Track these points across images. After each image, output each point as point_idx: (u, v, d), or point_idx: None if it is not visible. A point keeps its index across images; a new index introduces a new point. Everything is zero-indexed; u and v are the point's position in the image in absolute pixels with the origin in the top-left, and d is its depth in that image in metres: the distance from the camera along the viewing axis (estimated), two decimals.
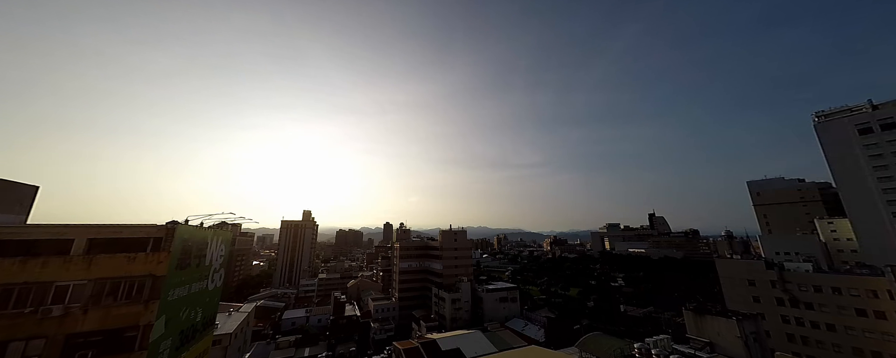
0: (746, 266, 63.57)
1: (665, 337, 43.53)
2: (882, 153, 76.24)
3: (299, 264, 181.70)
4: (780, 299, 57.35)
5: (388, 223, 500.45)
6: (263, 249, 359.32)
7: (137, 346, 21.47)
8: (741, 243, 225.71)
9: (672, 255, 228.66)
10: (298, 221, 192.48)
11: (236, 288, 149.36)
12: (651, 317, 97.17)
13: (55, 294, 20.47)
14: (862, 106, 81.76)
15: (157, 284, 22.87)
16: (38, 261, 20.42)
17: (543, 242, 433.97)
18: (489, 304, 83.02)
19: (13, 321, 19.15)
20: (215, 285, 32.89)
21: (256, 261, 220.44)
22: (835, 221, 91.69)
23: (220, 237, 33.26)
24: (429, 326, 79.08)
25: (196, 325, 28.80)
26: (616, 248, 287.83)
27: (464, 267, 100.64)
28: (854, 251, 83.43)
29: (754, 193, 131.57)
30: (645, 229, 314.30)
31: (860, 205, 78.65)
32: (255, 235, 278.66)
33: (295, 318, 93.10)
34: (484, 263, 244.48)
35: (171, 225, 24.59)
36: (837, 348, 51.04)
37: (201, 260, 29.06)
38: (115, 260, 22.18)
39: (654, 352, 39.19)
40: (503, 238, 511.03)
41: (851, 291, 51.53)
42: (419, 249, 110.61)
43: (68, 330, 20.13)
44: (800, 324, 54.98)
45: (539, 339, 65.26)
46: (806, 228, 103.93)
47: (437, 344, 55.93)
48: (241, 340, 55.65)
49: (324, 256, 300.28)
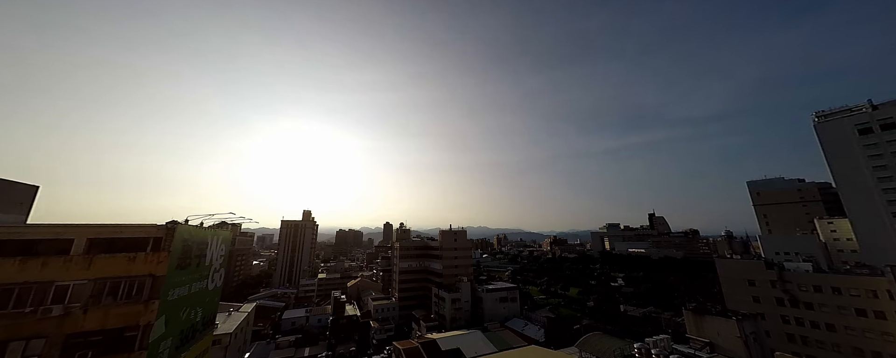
0: (746, 266, 63.52)
1: (665, 337, 43.51)
2: (882, 153, 76.26)
3: (299, 264, 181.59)
4: (779, 299, 57.32)
5: (388, 223, 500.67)
6: (263, 249, 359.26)
7: (137, 346, 21.44)
8: (741, 243, 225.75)
9: (672, 255, 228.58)
10: (298, 221, 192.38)
11: (236, 288, 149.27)
12: (651, 317, 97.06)
13: (55, 294, 20.44)
14: (862, 106, 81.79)
15: (157, 284, 22.84)
16: (38, 261, 20.40)
17: (543, 242, 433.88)
18: (489, 304, 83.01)
19: (13, 321, 19.13)
20: (215, 285, 32.87)
21: (256, 261, 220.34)
22: (835, 221, 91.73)
23: (220, 237, 33.24)
24: (429, 326, 79.06)
25: (196, 325, 28.79)
26: (616, 248, 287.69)
27: (464, 267, 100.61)
28: (854, 251, 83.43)
29: (754, 193, 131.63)
30: (645, 229, 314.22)
31: (860, 205, 78.68)
32: (255, 234, 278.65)
33: (295, 318, 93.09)
34: (484, 263, 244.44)
35: (171, 225, 24.55)
36: (837, 348, 50.99)
37: (201, 260, 29.04)
38: (115, 260, 22.17)
39: (654, 352, 39.17)
40: (503, 238, 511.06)
41: (851, 291, 51.50)
42: (419, 249, 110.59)
43: (68, 330, 20.11)
44: (800, 324, 54.94)
45: (539, 339, 65.24)
46: (806, 228, 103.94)
47: (437, 344, 55.97)
48: (241, 340, 55.63)
49: (324, 256, 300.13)
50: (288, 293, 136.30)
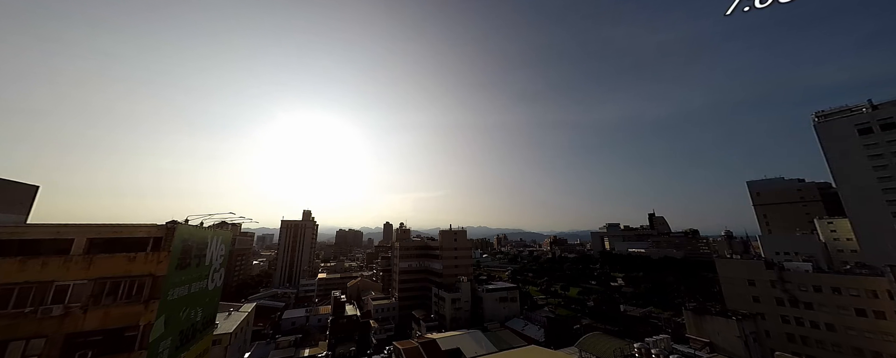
0: (746, 266, 63.52)
1: (665, 337, 43.57)
2: (882, 153, 76.21)
3: (299, 264, 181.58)
4: (779, 299, 57.28)
5: (388, 223, 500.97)
6: (263, 248, 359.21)
7: (137, 345, 21.44)
8: (741, 243, 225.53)
9: (672, 255, 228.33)
10: (298, 221, 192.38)
11: (236, 288, 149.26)
12: (651, 317, 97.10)
13: (55, 294, 20.44)
14: (861, 106, 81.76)
15: (157, 284, 22.84)
16: (38, 260, 20.40)
17: (543, 242, 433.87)
18: (489, 304, 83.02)
19: (13, 321, 19.14)
20: (215, 285, 32.87)
21: (256, 261, 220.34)
22: (835, 221, 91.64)
23: (220, 237, 33.25)
24: (429, 326, 79.08)
25: (196, 324, 28.79)
26: (616, 248, 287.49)
27: (464, 267, 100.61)
28: (854, 251, 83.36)
29: (754, 192, 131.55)
30: (645, 229, 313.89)
31: (860, 205, 78.65)
32: (255, 234, 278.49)
33: (295, 318, 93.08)
34: (484, 263, 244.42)
35: (171, 225, 24.55)
36: (837, 348, 50.96)
37: (201, 260, 29.04)
38: (115, 260, 22.17)
39: (653, 352, 39.19)
40: (503, 238, 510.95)
41: (851, 291, 51.48)
42: (419, 248, 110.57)
43: (68, 330, 20.11)
44: (800, 324, 54.92)
45: (539, 338, 65.24)
46: (806, 228, 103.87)
47: (437, 344, 55.99)
48: (241, 340, 55.66)
49: (324, 255, 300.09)
50: (288, 293, 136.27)
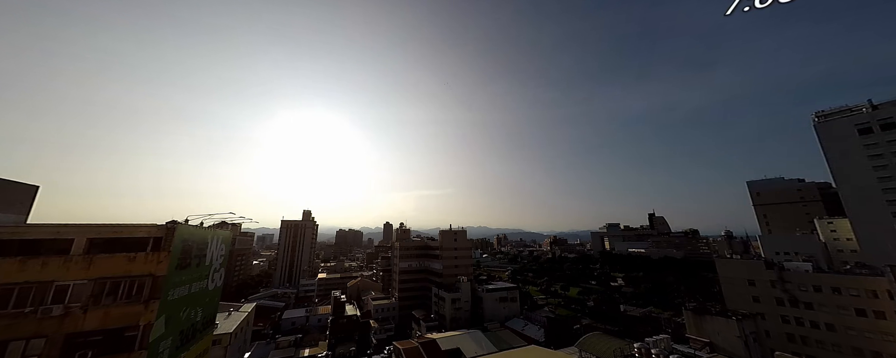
0: (746, 266, 63.51)
1: (665, 337, 43.57)
2: (882, 153, 76.22)
3: (299, 264, 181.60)
4: (779, 299, 57.29)
5: (388, 223, 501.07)
6: (263, 248, 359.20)
7: (137, 345, 21.45)
8: (741, 243, 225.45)
9: (672, 255, 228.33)
10: (298, 221, 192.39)
11: (236, 288, 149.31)
12: (651, 317, 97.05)
13: (55, 294, 20.44)
14: (861, 106, 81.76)
15: (158, 284, 22.84)
16: (38, 260, 20.40)
17: (543, 242, 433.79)
18: (489, 304, 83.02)
19: (13, 321, 19.14)
20: (215, 285, 32.87)
21: (256, 261, 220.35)
22: (835, 221, 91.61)
23: (220, 237, 33.25)
24: (429, 326, 79.07)
25: (196, 324, 28.79)
26: (616, 248, 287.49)
27: (464, 267, 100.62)
28: (854, 251, 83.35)
29: (754, 192, 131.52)
30: (645, 229, 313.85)
31: (860, 205, 78.65)
32: (255, 234, 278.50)
33: (295, 318, 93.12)
34: (484, 263, 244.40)
35: (171, 225, 24.54)
36: (837, 348, 50.97)
37: (201, 260, 29.04)
38: (115, 259, 22.17)
39: (653, 352, 39.20)
40: (503, 238, 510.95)
41: (851, 291, 51.48)
42: (419, 248, 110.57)
43: (68, 330, 20.11)
44: (800, 324, 54.92)
45: (539, 338, 65.25)
46: (806, 228, 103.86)
47: (437, 344, 56.01)
48: (241, 340, 55.68)
49: (324, 255, 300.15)
50: (288, 293, 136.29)
